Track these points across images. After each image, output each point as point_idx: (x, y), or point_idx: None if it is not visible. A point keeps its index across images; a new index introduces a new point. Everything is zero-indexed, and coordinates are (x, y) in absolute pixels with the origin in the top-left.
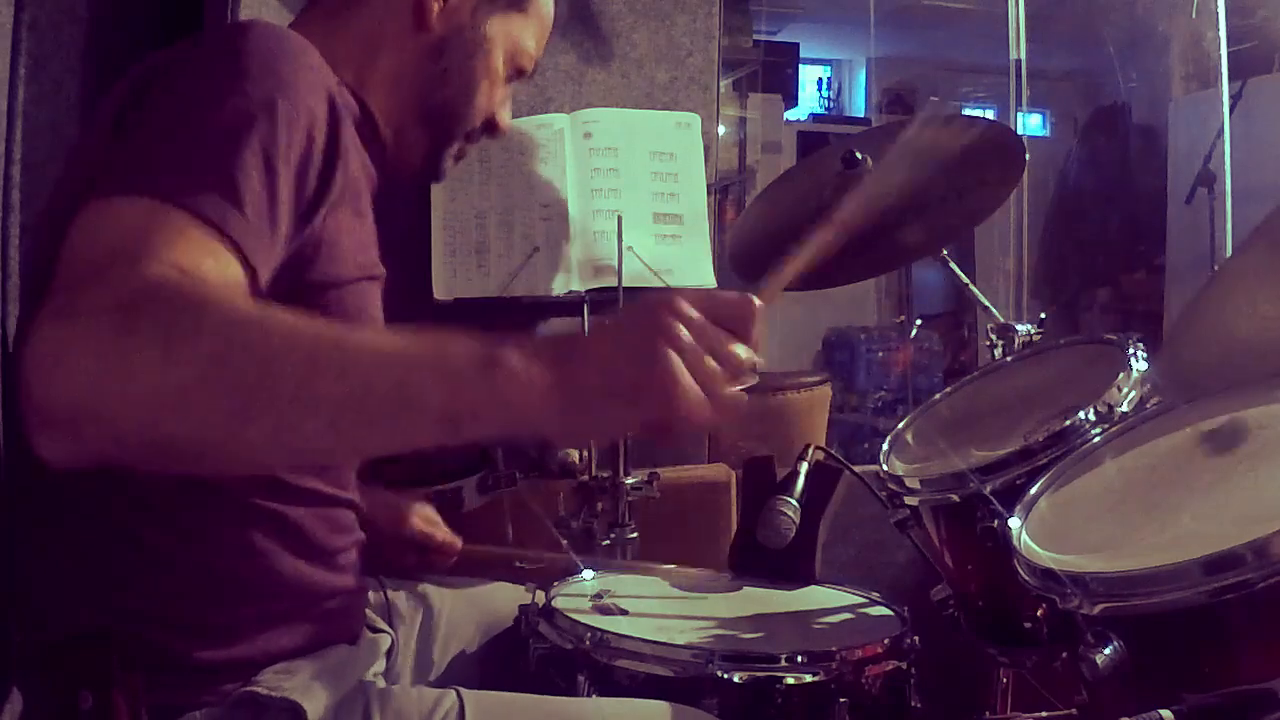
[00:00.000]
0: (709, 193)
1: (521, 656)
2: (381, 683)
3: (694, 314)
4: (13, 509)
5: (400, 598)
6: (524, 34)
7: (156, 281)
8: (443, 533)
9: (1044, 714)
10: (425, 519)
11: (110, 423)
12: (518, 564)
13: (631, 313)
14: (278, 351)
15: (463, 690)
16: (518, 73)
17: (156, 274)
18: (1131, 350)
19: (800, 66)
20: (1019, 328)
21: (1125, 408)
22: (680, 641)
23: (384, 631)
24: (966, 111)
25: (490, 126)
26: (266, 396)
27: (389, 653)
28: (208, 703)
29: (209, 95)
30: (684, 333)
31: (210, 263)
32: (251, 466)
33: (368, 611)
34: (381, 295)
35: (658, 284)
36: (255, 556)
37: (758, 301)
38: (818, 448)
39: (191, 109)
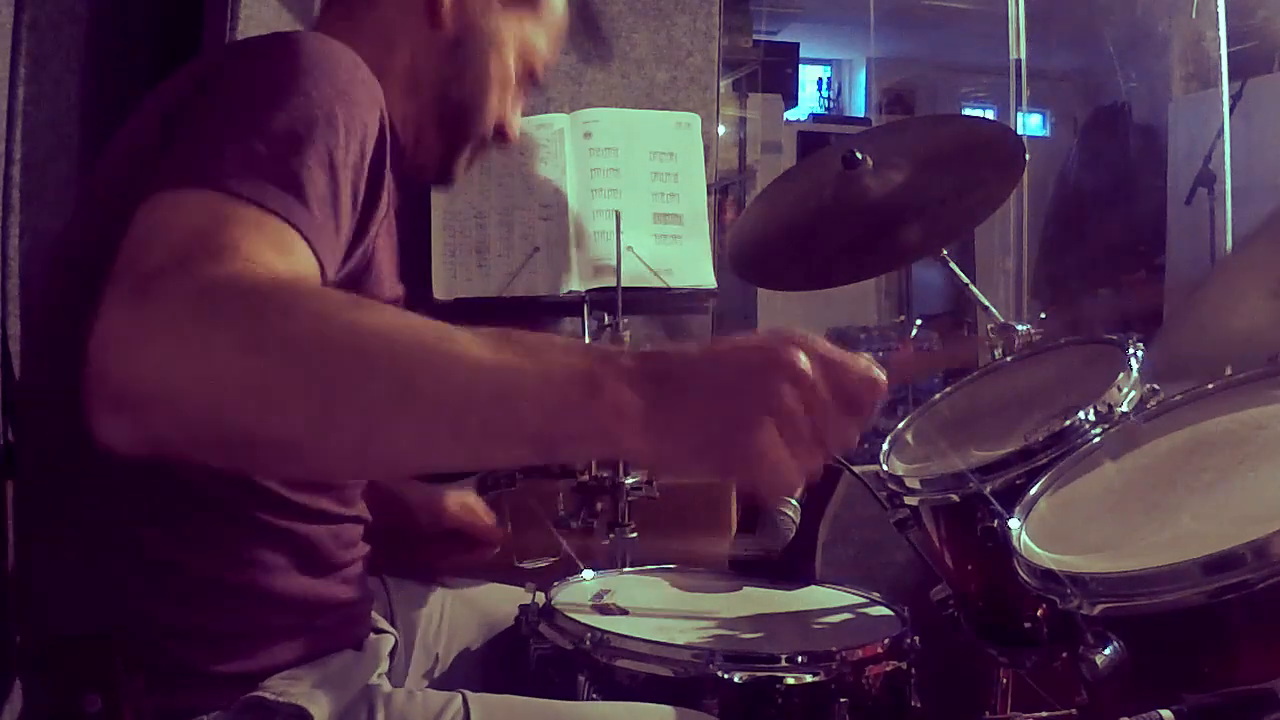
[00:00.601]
0: (709, 193)
1: (522, 656)
2: (386, 685)
3: (813, 376)
4: (18, 509)
5: (403, 597)
6: (535, 34)
7: (240, 269)
8: (483, 520)
9: (1044, 714)
10: (464, 507)
11: (184, 408)
12: (516, 564)
13: (749, 354)
14: (375, 349)
15: (468, 694)
16: (529, 75)
17: (239, 264)
18: (1131, 350)
19: (800, 66)
20: (1019, 328)
21: (1125, 408)
22: (680, 641)
23: (387, 633)
24: (966, 111)
25: (501, 133)
26: (358, 397)
27: (392, 653)
28: (214, 707)
29: (272, 94)
30: (792, 400)
31: (288, 257)
32: (321, 472)
33: (372, 614)
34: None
35: (657, 284)
36: (260, 570)
37: (884, 380)
38: None
39: (255, 105)
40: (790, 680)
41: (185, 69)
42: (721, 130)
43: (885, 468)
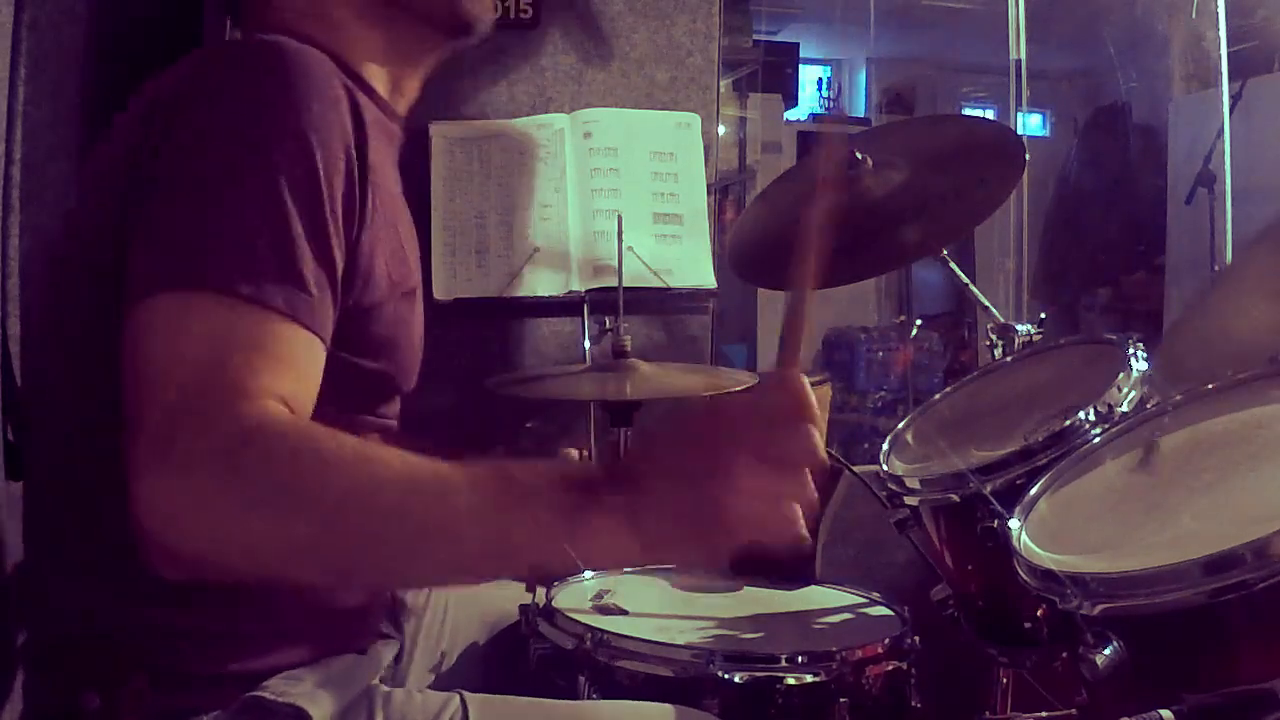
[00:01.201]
0: (709, 193)
1: (522, 656)
2: (388, 684)
3: (748, 434)
4: (19, 510)
5: (408, 596)
6: None
7: (258, 424)
8: None
9: (1044, 714)
10: None
11: (229, 563)
12: None
13: (690, 456)
14: (391, 511)
15: (466, 694)
16: None
17: (257, 414)
18: (1131, 350)
19: (800, 66)
20: (1019, 328)
21: (1125, 408)
22: (680, 641)
23: (392, 637)
24: (966, 111)
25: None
26: (371, 553)
27: (396, 657)
28: (213, 707)
29: (242, 151)
30: (744, 474)
31: (295, 371)
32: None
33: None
34: None
35: (657, 284)
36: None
37: (802, 380)
38: None
39: (229, 171)
40: (790, 680)
41: (146, 90)
42: (721, 130)
43: (885, 468)
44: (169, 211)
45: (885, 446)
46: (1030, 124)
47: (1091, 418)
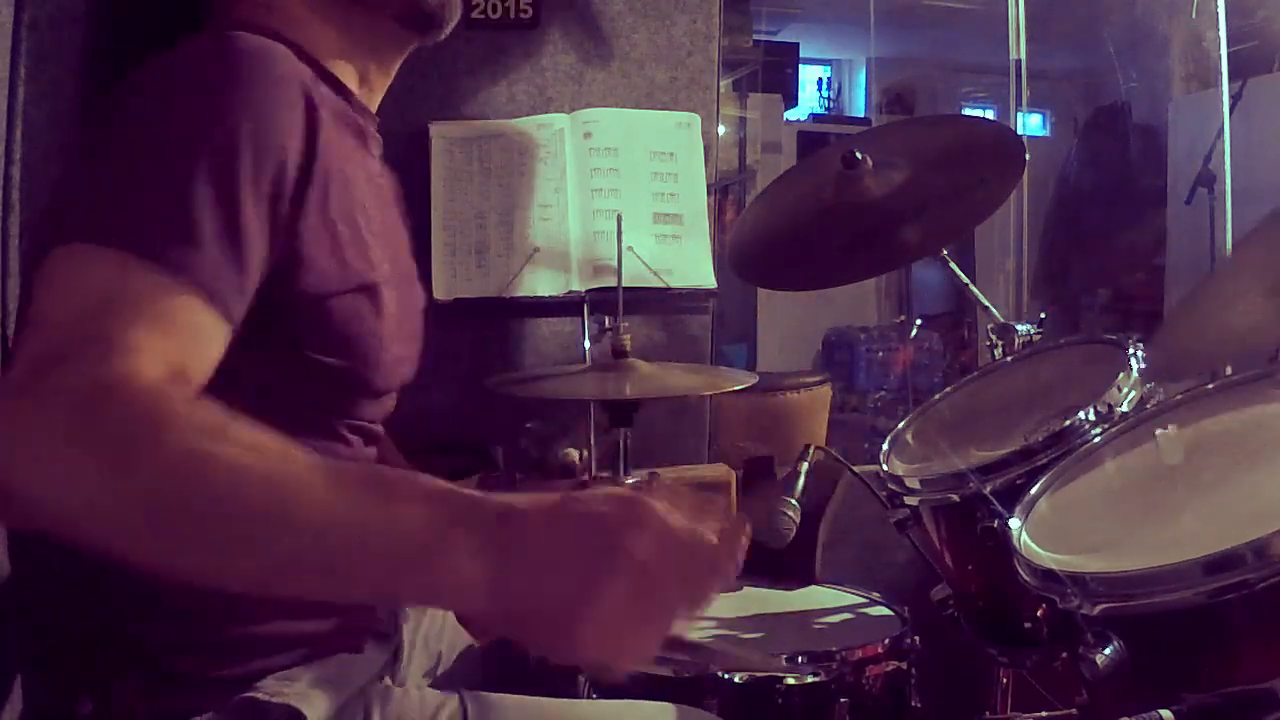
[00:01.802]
0: (709, 193)
1: (522, 654)
2: (383, 683)
3: (666, 534)
4: None
5: None
6: None
7: (116, 382)
8: None
9: (1044, 714)
10: None
11: (47, 515)
12: None
13: (599, 512)
14: (223, 495)
15: (465, 693)
16: None
17: (119, 370)
18: (1131, 350)
19: (800, 66)
20: (1019, 328)
21: (1125, 408)
22: None
23: (390, 635)
24: (966, 111)
25: None
26: (204, 538)
27: (395, 655)
28: (207, 708)
29: (169, 128)
30: (643, 556)
31: (177, 338)
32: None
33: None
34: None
35: (657, 284)
36: None
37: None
38: (818, 448)
39: (150, 144)
40: (790, 680)
41: (115, 88)
42: (721, 130)
43: (885, 468)
44: (92, 172)
45: (885, 446)
46: (1030, 124)
47: (1091, 418)
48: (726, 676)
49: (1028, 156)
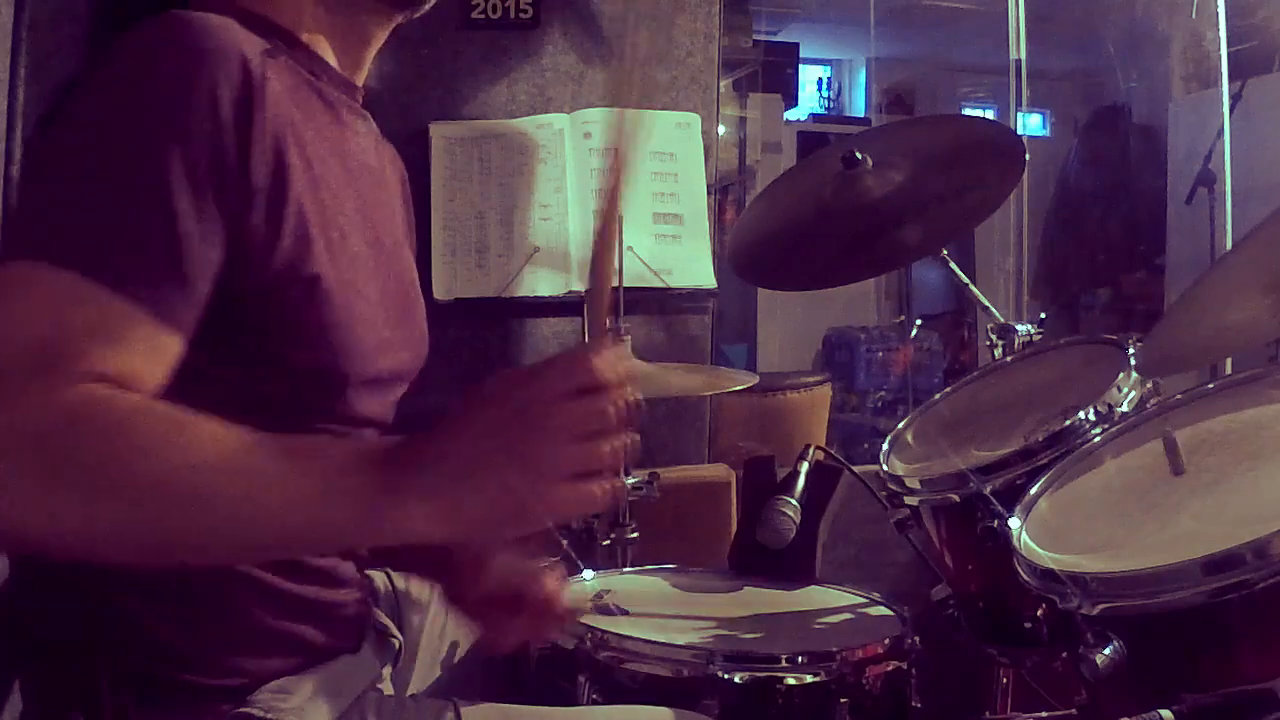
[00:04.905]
0: (709, 193)
1: (523, 656)
2: (389, 688)
3: (544, 416)
4: None
5: (407, 600)
6: None
7: (73, 404)
8: (546, 590)
9: (1044, 714)
10: (518, 571)
11: (37, 548)
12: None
13: (491, 444)
14: (199, 493)
15: (459, 702)
16: None
17: (75, 393)
18: (1131, 350)
19: (800, 66)
20: (1019, 328)
21: (1125, 408)
22: (681, 642)
23: (393, 636)
24: (966, 111)
25: None
26: (190, 536)
27: (396, 657)
28: None
29: (99, 136)
30: (544, 460)
31: (127, 355)
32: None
33: (376, 611)
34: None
35: (657, 284)
36: (247, 580)
37: (595, 351)
38: (818, 448)
39: (86, 149)
40: (790, 680)
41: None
42: (721, 130)
43: (885, 468)
44: (33, 183)
45: (885, 446)
46: (1030, 124)
47: (1091, 418)
48: (726, 677)
49: (1027, 157)
